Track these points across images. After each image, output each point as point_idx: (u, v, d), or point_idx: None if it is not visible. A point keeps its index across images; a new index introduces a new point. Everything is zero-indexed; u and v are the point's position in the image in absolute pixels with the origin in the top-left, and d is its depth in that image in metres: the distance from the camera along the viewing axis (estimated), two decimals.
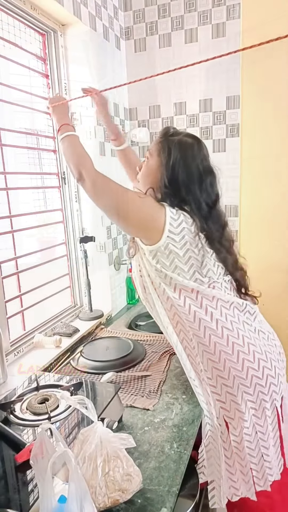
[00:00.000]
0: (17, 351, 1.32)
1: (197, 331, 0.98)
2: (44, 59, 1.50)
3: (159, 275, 0.99)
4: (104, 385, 1.01)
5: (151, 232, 0.95)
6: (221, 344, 0.97)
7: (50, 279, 1.55)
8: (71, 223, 1.68)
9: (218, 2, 1.69)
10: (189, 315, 0.98)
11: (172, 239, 0.94)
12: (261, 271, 1.85)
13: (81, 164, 0.99)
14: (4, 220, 1.30)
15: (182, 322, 1.00)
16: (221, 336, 0.98)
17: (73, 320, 1.66)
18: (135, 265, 1.09)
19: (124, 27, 1.88)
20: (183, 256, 0.95)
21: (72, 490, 0.60)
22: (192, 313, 0.98)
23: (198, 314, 0.98)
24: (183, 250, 0.95)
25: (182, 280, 0.97)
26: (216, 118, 1.80)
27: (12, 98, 1.30)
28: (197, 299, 0.99)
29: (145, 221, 0.95)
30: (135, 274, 1.10)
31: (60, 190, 1.63)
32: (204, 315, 0.98)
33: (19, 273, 1.37)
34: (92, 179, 0.97)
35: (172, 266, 0.96)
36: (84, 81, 1.55)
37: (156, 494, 0.76)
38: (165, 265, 0.97)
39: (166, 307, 1.02)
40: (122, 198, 0.96)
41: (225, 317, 1.00)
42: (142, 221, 0.96)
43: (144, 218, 0.96)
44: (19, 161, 1.41)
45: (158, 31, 1.82)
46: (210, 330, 0.98)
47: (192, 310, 0.98)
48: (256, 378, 0.98)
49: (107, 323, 1.72)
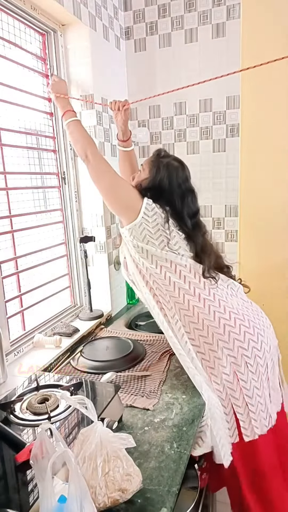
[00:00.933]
0: (17, 351, 1.32)
1: (172, 292, 1.16)
2: (44, 59, 1.50)
3: (136, 250, 1.20)
4: (104, 385, 1.01)
5: (130, 211, 1.17)
6: (194, 301, 1.15)
7: (50, 279, 1.55)
8: (71, 223, 1.68)
9: (218, 2, 1.69)
10: (165, 280, 1.17)
11: (146, 220, 1.16)
12: (261, 271, 1.85)
13: (87, 147, 1.21)
14: (4, 220, 1.30)
15: (160, 287, 1.18)
16: (193, 294, 1.16)
17: (73, 320, 1.66)
18: (120, 252, 1.32)
19: (124, 27, 1.88)
20: (154, 233, 1.17)
21: (72, 490, 0.60)
22: (167, 279, 1.17)
23: (173, 278, 1.17)
24: (154, 229, 1.17)
25: (155, 250, 1.17)
26: (216, 118, 1.80)
27: (12, 98, 1.30)
28: (172, 267, 1.18)
29: (128, 202, 1.19)
30: (121, 260, 1.33)
31: (60, 190, 1.63)
32: (178, 279, 1.17)
33: (19, 273, 1.37)
34: (97, 162, 1.21)
35: (145, 240, 1.17)
36: (85, 81, 1.56)
37: (156, 494, 0.76)
38: (139, 239, 1.18)
39: (147, 278, 1.21)
40: (116, 182, 1.21)
41: (198, 279, 1.19)
42: (125, 201, 1.20)
43: (127, 199, 1.19)
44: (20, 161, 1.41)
45: (158, 31, 1.82)
46: (184, 290, 1.16)
47: (167, 276, 1.17)
48: (233, 334, 1.13)
49: (107, 323, 1.72)
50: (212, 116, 1.80)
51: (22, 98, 1.36)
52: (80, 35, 1.53)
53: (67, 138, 1.59)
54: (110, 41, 1.73)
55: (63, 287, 1.67)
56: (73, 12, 1.43)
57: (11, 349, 1.30)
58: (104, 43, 1.68)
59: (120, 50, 1.85)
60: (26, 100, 1.38)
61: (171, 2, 1.77)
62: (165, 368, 1.27)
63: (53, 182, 1.61)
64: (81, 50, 1.54)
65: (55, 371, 1.30)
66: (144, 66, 1.87)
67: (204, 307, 1.14)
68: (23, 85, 1.36)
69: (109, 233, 1.74)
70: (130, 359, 1.31)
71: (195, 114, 1.83)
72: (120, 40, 1.85)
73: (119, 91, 1.84)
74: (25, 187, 1.43)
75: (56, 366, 1.32)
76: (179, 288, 1.16)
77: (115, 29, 1.79)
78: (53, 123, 1.56)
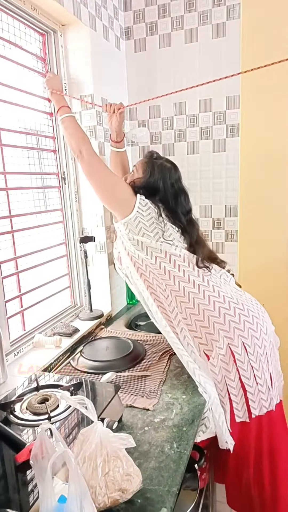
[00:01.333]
0: (17, 351, 1.32)
1: (168, 281, 1.21)
2: (44, 59, 1.50)
3: (132, 243, 1.24)
4: (104, 385, 1.01)
5: (125, 206, 1.22)
6: (189, 287, 1.19)
7: (50, 279, 1.55)
8: (71, 223, 1.68)
9: (218, 2, 1.69)
10: (160, 270, 1.22)
11: (141, 214, 1.21)
12: (261, 271, 1.85)
13: (81, 143, 1.25)
14: (4, 220, 1.30)
15: (156, 277, 1.22)
16: (188, 281, 1.20)
17: (73, 320, 1.66)
18: (115, 248, 1.38)
19: (124, 27, 1.88)
20: (149, 226, 1.21)
21: (72, 490, 0.60)
22: (162, 268, 1.22)
23: (168, 268, 1.21)
24: (149, 222, 1.21)
25: (150, 242, 1.21)
26: (216, 118, 1.80)
27: (12, 98, 1.30)
28: (166, 257, 1.22)
29: (121, 196, 1.24)
30: (115, 255, 1.39)
31: (60, 190, 1.63)
32: (173, 268, 1.21)
33: (19, 273, 1.37)
34: (90, 157, 1.25)
35: (140, 232, 1.22)
36: (85, 81, 1.56)
37: (156, 494, 0.76)
38: (135, 232, 1.22)
39: (141, 270, 1.24)
40: (109, 177, 1.26)
41: (192, 267, 1.23)
42: (119, 195, 1.24)
43: (121, 194, 1.24)
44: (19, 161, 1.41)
45: (158, 31, 1.82)
46: (179, 278, 1.20)
47: (162, 266, 1.22)
48: (228, 316, 1.17)
49: (107, 323, 1.72)
50: (212, 116, 1.80)
51: (22, 98, 1.36)
52: (80, 35, 1.53)
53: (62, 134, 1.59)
54: (110, 41, 1.74)
55: (63, 287, 1.67)
56: (73, 12, 1.43)
57: (11, 349, 1.30)
58: (104, 43, 1.68)
59: (120, 50, 1.85)
60: (26, 100, 1.38)
61: (171, 2, 1.77)
62: (165, 368, 1.27)
63: (53, 182, 1.61)
64: (81, 50, 1.54)
65: (55, 371, 1.30)
66: (144, 66, 1.87)
67: (199, 292, 1.19)
68: (23, 85, 1.36)
69: (109, 233, 1.74)
70: (130, 359, 1.31)
71: (195, 114, 1.83)
72: (120, 40, 1.85)
73: (119, 91, 1.84)
74: (25, 187, 1.43)
75: (56, 366, 1.32)
76: (174, 276, 1.21)
77: (115, 29, 1.79)
78: (53, 123, 1.56)
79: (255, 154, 1.76)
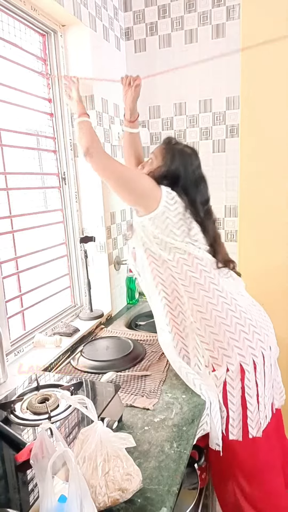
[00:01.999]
0: (17, 351, 1.32)
1: (187, 287, 1.15)
2: (44, 59, 1.50)
3: (156, 242, 1.16)
4: (104, 385, 1.01)
5: (150, 200, 1.13)
6: (208, 296, 1.14)
7: (50, 279, 1.55)
8: (71, 223, 1.68)
9: (218, 2, 1.69)
10: (181, 274, 1.15)
11: (168, 208, 1.12)
12: (261, 271, 1.85)
13: (91, 143, 1.20)
14: (4, 220, 1.30)
15: (175, 281, 1.16)
16: (208, 289, 1.14)
17: (73, 320, 1.66)
18: (130, 246, 1.29)
19: (124, 28, 1.88)
20: (176, 222, 1.13)
21: (72, 489, 0.60)
22: (184, 272, 1.15)
23: (190, 273, 1.15)
24: (176, 218, 1.13)
25: (175, 241, 1.14)
26: (216, 119, 1.80)
27: (12, 98, 1.30)
28: (189, 259, 1.15)
29: (144, 190, 1.15)
30: (129, 254, 1.32)
31: (60, 190, 1.63)
32: (194, 272, 1.15)
33: (19, 273, 1.37)
34: (98, 155, 1.18)
35: (167, 229, 1.13)
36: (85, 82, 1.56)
37: (156, 493, 0.76)
38: (161, 228, 1.14)
39: (156, 272, 1.18)
40: (124, 172, 1.18)
41: (213, 274, 1.17)
42: (140, 190, 1.15)
43: (143, 188, 1.15)
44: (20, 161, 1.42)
45: (158, 31, 1.83)
46: (200, 286, 1.14)
47: (184, 270, 1.15)
48: (243, 333, 1.13)
49: (107, 323, 1.72)
50: (212, 116, 1.81)
51: (23, 99, 1.36)
52: (80, 36, 1.53)
53: (67, 137, 1.59)
54: (110, 42, 1.74)
55: (63, 287, 1.67)
56: (73, 12, 1.43)
57: (11, 349, 1.30)
58: (104, 43, 1.68)
59: (120, 51, 1.85)
60: (26, 100, 1.39)
61: (171, 3, 1.77)
62: (165, 367, 1.28)
63: (53, 182, 1.61)
64: (81, 51, 1.54)
65: (55, 371, 1.30)
66: (144, 67, 1.87)
67: (217, 304, 1.14)
68: (24, 86, 1.36)
69: (109, 233, 1.74)
70: (130, 359, 1.31)
71: (195, 115, 1.84)
72: (120, 40, 1.85)
73: (119, 92, 1.84)
74: (25, 187, 1.43)
75: (56, 366, 1.33)
76: (195, 284, 1.15)
77: (115, 29, 1.79)
78: (53, 124, 1.56)
79: (255, 154, 1.77)
